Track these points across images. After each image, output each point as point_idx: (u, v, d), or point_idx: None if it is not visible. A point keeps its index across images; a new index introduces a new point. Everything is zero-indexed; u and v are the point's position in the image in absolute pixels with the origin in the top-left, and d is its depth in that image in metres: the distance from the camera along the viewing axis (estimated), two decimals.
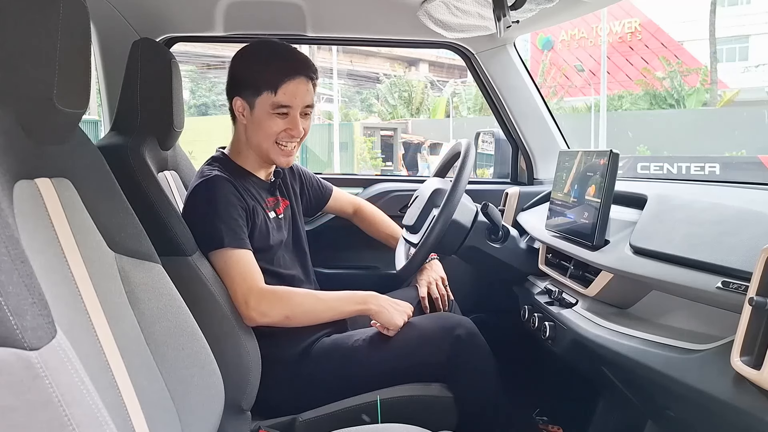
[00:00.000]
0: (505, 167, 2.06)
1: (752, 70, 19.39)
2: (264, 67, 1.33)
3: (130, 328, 0.85)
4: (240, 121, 1.38)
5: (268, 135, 1.34)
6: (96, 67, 1.72)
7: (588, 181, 1.24)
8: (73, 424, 0.49)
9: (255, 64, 1.35)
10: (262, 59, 1.35)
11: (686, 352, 0.87)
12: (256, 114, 1.34)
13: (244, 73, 1.36)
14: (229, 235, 1.25)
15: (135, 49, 1.29)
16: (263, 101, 1.32)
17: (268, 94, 1.31)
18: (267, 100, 1.32)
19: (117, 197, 0.91)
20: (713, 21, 17.76)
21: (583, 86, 19.61)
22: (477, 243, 1.47)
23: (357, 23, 1.79)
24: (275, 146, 1.36)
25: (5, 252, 0.51)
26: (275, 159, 1.38)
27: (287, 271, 1.41)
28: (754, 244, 0.81)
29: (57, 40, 0.71)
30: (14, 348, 0.48)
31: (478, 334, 1.34)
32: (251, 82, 1.33)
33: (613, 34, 20.48)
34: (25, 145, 0.73)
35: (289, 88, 1.32)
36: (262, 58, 1.35)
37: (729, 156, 10.77)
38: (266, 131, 1.34)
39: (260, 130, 1.35)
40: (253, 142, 1.38)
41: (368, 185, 2.01)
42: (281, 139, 1.35)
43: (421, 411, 1.25)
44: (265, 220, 1.37)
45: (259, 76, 1.32)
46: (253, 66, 1.34)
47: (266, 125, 1.34)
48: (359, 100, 21.77)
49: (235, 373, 1.14)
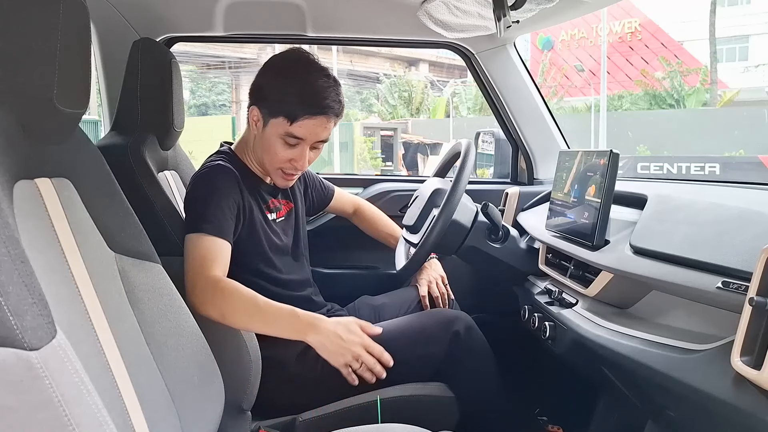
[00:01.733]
0: (505, 167, 2.06)
1: (752, 70, 19.40)
2: (290, 94, 1.26)
3: (130, 328, 0.85)
4: (252, 129, 1.35)
5: (273, 160, 1.32)
6: (96, 67, 1.72)
7: (588, 181, 1.24)
8: (73, 424, 0.49)
9: (284, 86, 1.27)
10: (294, 83, 1.27)
11: (686, 352, 0.87)
12: (267, 133, 1.30)
13: (269, 89, 1.29)
14: (210, 221, 1.21)
15: (135, 49, 1.29)
16: (277, 125, 1.27)
17: (284, 121, 1.26)
18: (281, 126, 1.27)
19: (117, 197, 0.91)
20: (713, 21, 17.76)
21: (583, 86, 19.62)
22: (477, 243, 1.47)
23: (357, 23, 1.79)
24: (277, 170, 1.34)
25: (5, 252, 0.51)
26: (274, 179, 1.38)
27: (285, 276, 1.40)
28: (754, 244, 0.81)
29: (57, 40, 0.71)
30: (14, 348, 0.48)
31: (476, 329, 1.34)
32: (272, 102, 1.28)
33: (613, 34, 20.49)
34: (25, 145, 0.73)
35: (308, 123, 1.26)
36: (295, 82, 1.27)
37: (729, 156, 10.77)
38: (272, 155, 1.31)
39: (267, 151, 1.31)
40: (257, 155, 1.36)
41: (368, 185, 2.01)
42: (285, 168, 1.33)
43: (421, 411, 1.25)
44: (261, 221, 1.36)
45: (283, 99, 1.26)
46: (282, 87, 1.27)
47: (274, 150, 1.30)
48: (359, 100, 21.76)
49: (235, 373, 1.14)
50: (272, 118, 1.28)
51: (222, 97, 19.12)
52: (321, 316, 1.19)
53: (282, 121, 1.26)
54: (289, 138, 1.28)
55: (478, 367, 1.33)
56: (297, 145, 1.29)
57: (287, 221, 1.45)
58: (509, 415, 1.38)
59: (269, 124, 1.29)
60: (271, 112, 1.28)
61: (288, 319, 1.16)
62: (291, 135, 1.27)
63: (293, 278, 1.42)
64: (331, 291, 1.59)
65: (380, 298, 1.60)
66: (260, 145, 1.33)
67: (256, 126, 1.32)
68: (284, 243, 1.42)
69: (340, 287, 1.70)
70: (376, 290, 1.65)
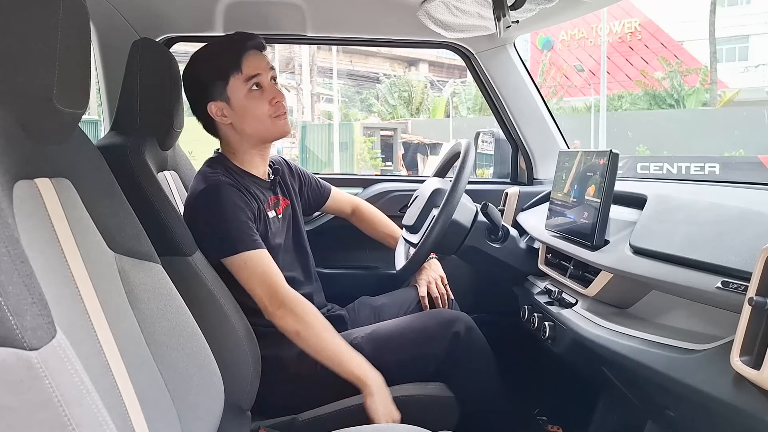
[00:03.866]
0: (505, 167, 2.06)
1: (752, 70, 19.40)
2: (218, 58, 1.34)
3: (130, 328, 0.85)
4: (223, 123, 1.37)
5: (259, 117, 1.34)
6: (96, 67, 1.72)
7: (588, 181, 1.24)
8: (73, 424, 0.49)
9: (210, 61, 1.36)
10: (211, 55, 1.37)
11: (686, 352, 0.87)
12: (236, 103, 1.34)
13: (204, 75, 1.35)
14: (241, 238, 1.25)
15: (135, 49, 1.29)
16: (235, 85, 1.33)
17: (236, 76, 1.32)
18: (238, 81, 1.32)
19: (117, 197, 0.91)
20: (713, 21, 17.76)
21: (583, 86, 19.63)
22: (477, 243, 1.47)
23: (357, 23, 1.79)
24: (272, 120, 1.36)
25: (5, 252, 0.51)
26: (277, 132, 1.38)
27: (287, 273, 1.39)
28: (754, 244, 0.81)
29: (57, 40, 0.71)
30: (14, 348, 0.48)
31: (475, 329, 1.34)
32: (216, 77, 1.33)
33: (613, 34, 20.50)
34: (25, 145, 0.73)
35: (249, 61, 1.33)
36: (210, 53, 1.37)
37: (729, 156, 10.77)
38: (254, 113, 1.34)
39: (248, 115, 1.34)
40: (247, 132, 1.37)
41: (368, 185, 2.01)
42: (273, 111, 1.36)
43: (420, 411, 1.25)
44: (266, 220, 1.37)
45: (220, 66, 1.33)
46: (209, 63, 1.35)
47: (251, 108, 1.34)
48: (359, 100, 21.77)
49: (235, 373, 1.14)
50: (226, 88, 1.33)
51: None
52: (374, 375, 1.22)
53: (235, 78, 1.32)
54: (251, 83, 1.33)
55: (478, 367, 1.34)
56: (261, 84, 1.34)
57: (284, 218, 1.46)
58: (509, 415, 1.38)
59: (231, 96, 1.33)
60: (223, 85, 1.33)
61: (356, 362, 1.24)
62: (249, 77, 1.32)
63: (294, 276, 1.42)
64: (331, 291, 1.59)
65: (380, 298, 1.60)
66: (241, 121, 1.35)
67: (225, 116, 1.35)
68: (284, 241, 1.43)
69: (340, 287, 1.70)
70: (376, 290, 1.65)
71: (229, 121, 1.36)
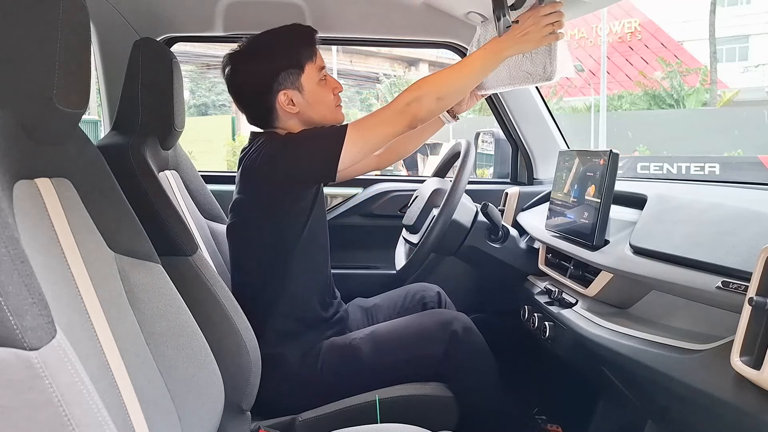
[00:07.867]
0: (505, 167, 2.06)
1: (752, 70, 19.39)
2: (293, 47, 1.33)
3: (130, 328, 0.85)
4: (288, 113, 1.34)
5: (328, 104, 1.37)
6: (96, 67, 1.72)
7: (588, 181, 1.24)
8: (73, 424, 0.49)
9: (284, 50, 1.33)
10: (284, 40, 1.34)
11: (686, 352, 0.87)
12: (308, 92, 1.33)
13: (279, 64, 1.32)
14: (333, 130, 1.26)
15: (136, 48, 1.29)
16: (309, 75, 1.33)
17: (310, 65, 1.33)
18: (312, 70, 1.33)
19: (117, 197, 0.91)
20: (713, 21, 17.75)
21: (583, 86, 19.61)
22: (477, 243, 1.48)
23: (357, 23, 1.79)
24: (336, 109, 1.39)
25: (5, 252, 0.51)
26: (338, 120, 1.40)
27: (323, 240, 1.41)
28: (754, 244, 0.81)
29: (57, 40, 0.71)
30: (14, 348, 0.48)
31: (473, 328, 1.34)
32: (292, 65, 1.32)
33: (613, 34, 20.48)
34: (25, 145, 0.73)
35: (317, 52, 1.36)
36: (282, 39, 1.34)
37: (729, 156, 10.77)
38: (324, 101, 1.36)
39: (319, 103, 1.35)
40: (315, 119, 1.36)
41: (368, 185, 2.01)
42: (336, 102, 1.39)
43: (420, 410, 1.25)
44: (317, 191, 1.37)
45: (298, 55, 1.32)
46: (284, 53, 1.33)
47: (321, 96, 1.35)
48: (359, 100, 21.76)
49: (235, 373, 1.14)
50: (301, 76, 1.32)
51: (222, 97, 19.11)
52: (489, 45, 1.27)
53: (309, 66, 1.33)
54: (321, 74, 1.35)
55: (477, 367, 1.34)
56: (325, 75, 1.37)
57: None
58: (508, 415, 1.38)
59: (304, 84, 1.33)
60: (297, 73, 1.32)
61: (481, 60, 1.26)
62: (321, 67, 1.35)
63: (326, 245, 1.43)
64: None
65: (371, 300, 1.60)
66: (311, 109, 1.35)
67: (293, 104, 1.33)
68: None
69: (340, 287, 1.70)
70: (376, 290, 1.65)
71: (297, 110, 1.34)
